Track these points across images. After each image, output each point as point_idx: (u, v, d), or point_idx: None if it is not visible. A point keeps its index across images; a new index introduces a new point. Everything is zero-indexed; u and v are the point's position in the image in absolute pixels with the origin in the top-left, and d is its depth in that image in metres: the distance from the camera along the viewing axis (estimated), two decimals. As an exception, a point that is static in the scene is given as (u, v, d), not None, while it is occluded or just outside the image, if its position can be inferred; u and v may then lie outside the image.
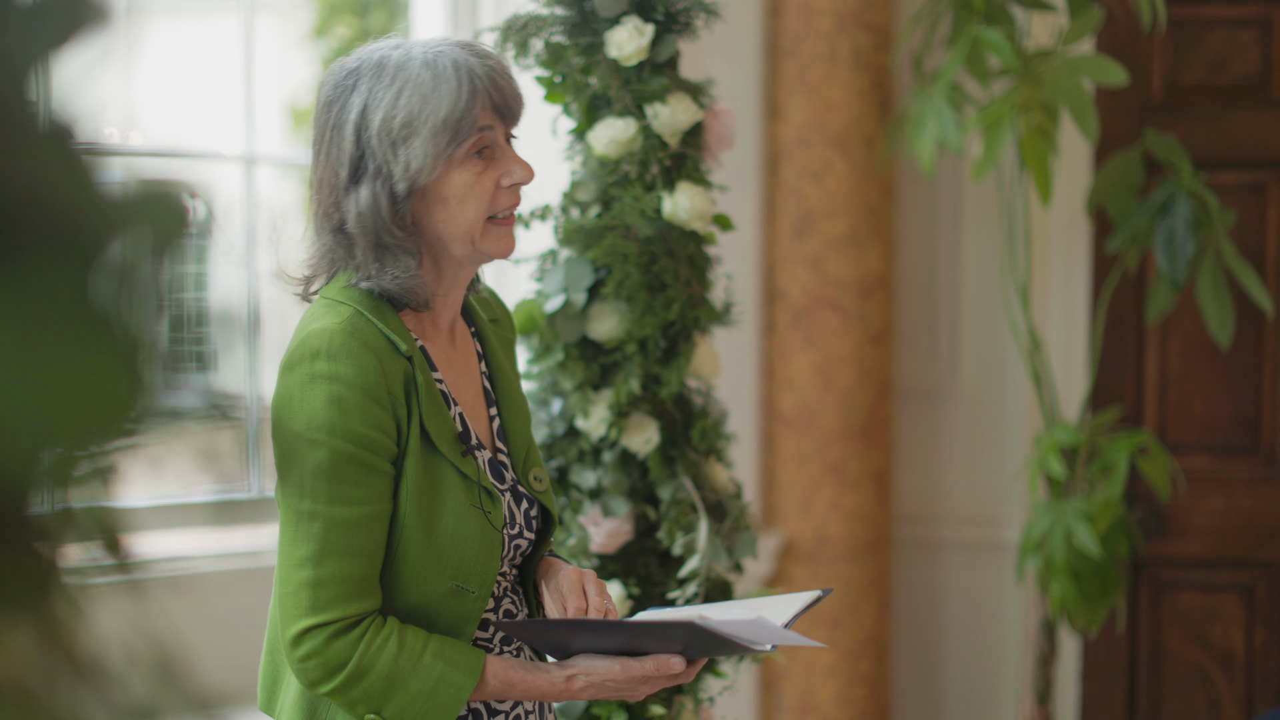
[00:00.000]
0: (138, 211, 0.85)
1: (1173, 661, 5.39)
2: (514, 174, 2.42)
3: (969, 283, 5.56)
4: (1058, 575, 4.82)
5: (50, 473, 0.89)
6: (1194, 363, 5.35)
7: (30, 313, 0.82)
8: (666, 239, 3.26)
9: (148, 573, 1.00)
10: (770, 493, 5.23)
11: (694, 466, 3.33)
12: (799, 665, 5.17)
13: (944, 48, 5.03)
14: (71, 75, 0.85)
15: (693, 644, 2.37)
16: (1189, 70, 5.32)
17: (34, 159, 0.83)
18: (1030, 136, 4.64)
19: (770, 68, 5.19)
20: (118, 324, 0.84)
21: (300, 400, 2.29)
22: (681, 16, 3.31)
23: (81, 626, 0.93)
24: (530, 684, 2.39)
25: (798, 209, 5.16)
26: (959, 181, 5.53)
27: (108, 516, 0.96)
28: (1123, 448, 4.84)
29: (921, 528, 5.63)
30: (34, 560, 0.90)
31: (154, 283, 0.88)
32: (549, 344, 3.37)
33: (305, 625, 2.30)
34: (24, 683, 0.89)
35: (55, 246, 0.82)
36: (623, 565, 3.36)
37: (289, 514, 2.32)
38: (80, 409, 0.83)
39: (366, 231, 2.37)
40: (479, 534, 2.39)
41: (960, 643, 5.64)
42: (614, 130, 3.26)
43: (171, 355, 0.91)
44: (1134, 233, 4.92)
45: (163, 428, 0.92)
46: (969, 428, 5.60)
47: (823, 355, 5.17)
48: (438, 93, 2.34)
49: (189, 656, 0.97)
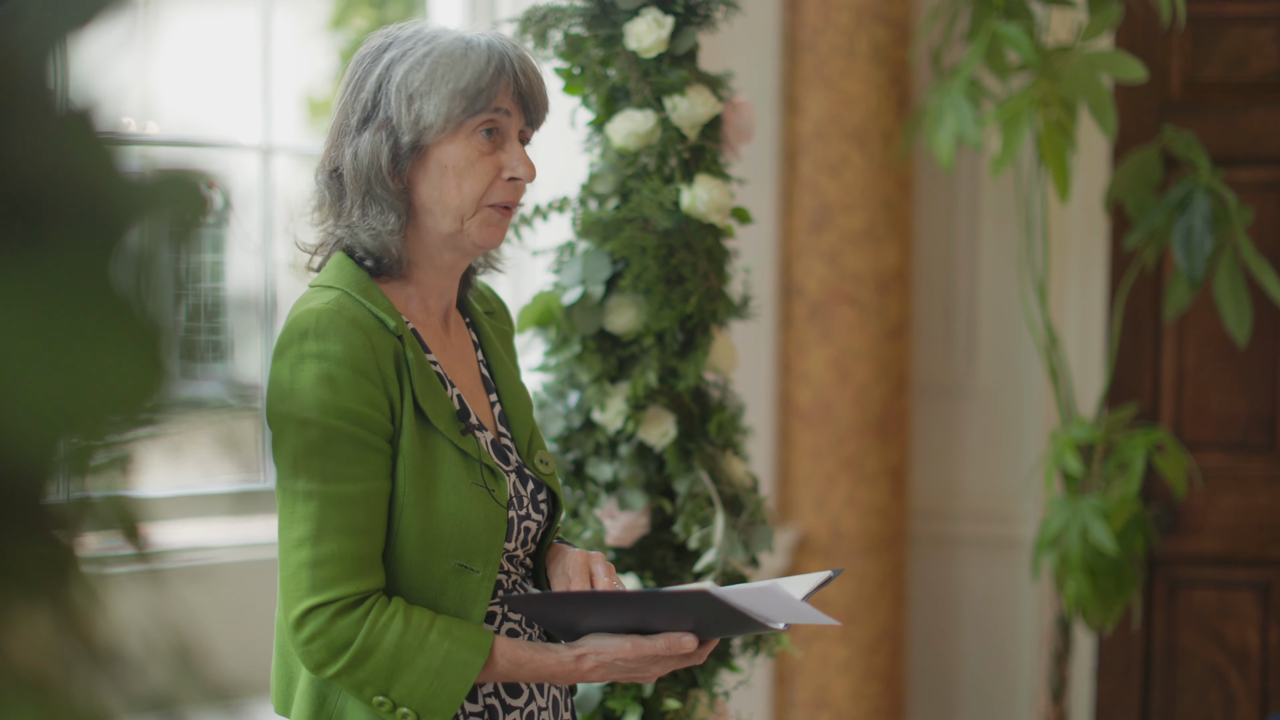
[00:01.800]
0: (158, 196, 0.85)
1: (1187, 659, 5.37)
2: (516, 167, 2.41)
3: (986, 278, 5.55)
4: (1073, 572, 4.81)
5: (69, 460, 0.88)
6: (1211, 360, 5.33)
7: (49, 297, 0.81)
8: (685, 232, 3.25)
9: (166, 562, 0.99)
10: (786, 487, 5.22)
11: (711, 460, 3.32)
12: (813, 660, 5.16)
13: (963, 42, 5.02)
14: (93, 59, 0.84)
15: (705, 618, 2.33)
16: (1208, 67, 5.31)
17: (54, 143, 0.82)
18: (1049, 132, 4.63)
19: (788, 62, 5.18)
20: (137, 309, 0.83)
21: (290, 382, 2.28)
22: (701, 9, 3.30)
23: (99, 615, 0.92)
24: (539, 664, 2.36)
25: (815, 203, 5.15)
26: (977, 177, 5.52)
27: (127, 505, 0.95)
28: (1139, 444, 4.82)
29: (937, 523, 5.62)
30: (52, 548, 0.90)
31: (174, 268, 0.87)
32: (566, 336, 3.36)
33: (307, 605, 2.27)
34: (42, 670, 0.88)
35: (75, 231, 0.82)
36: (639, 559, 3.36)
37: (284, 496, 2.30)
38: (99, 395, 0.83)
39: (359, 177, 2.38)
40: (481, 512, 2.36)
41: (975, 639, 5.63)
42: (632, 122, 3.26)
43: (190, 343, 0.91)
44: (1152, 229, 4.91)
45: (182, 416, 0.92)
46: (985, 423, 5.59)
47: (839, 350, 5.16)
48: (465, 60, 2.36)
49: (207, 646, 0.97)
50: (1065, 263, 5.40)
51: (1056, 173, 4.63)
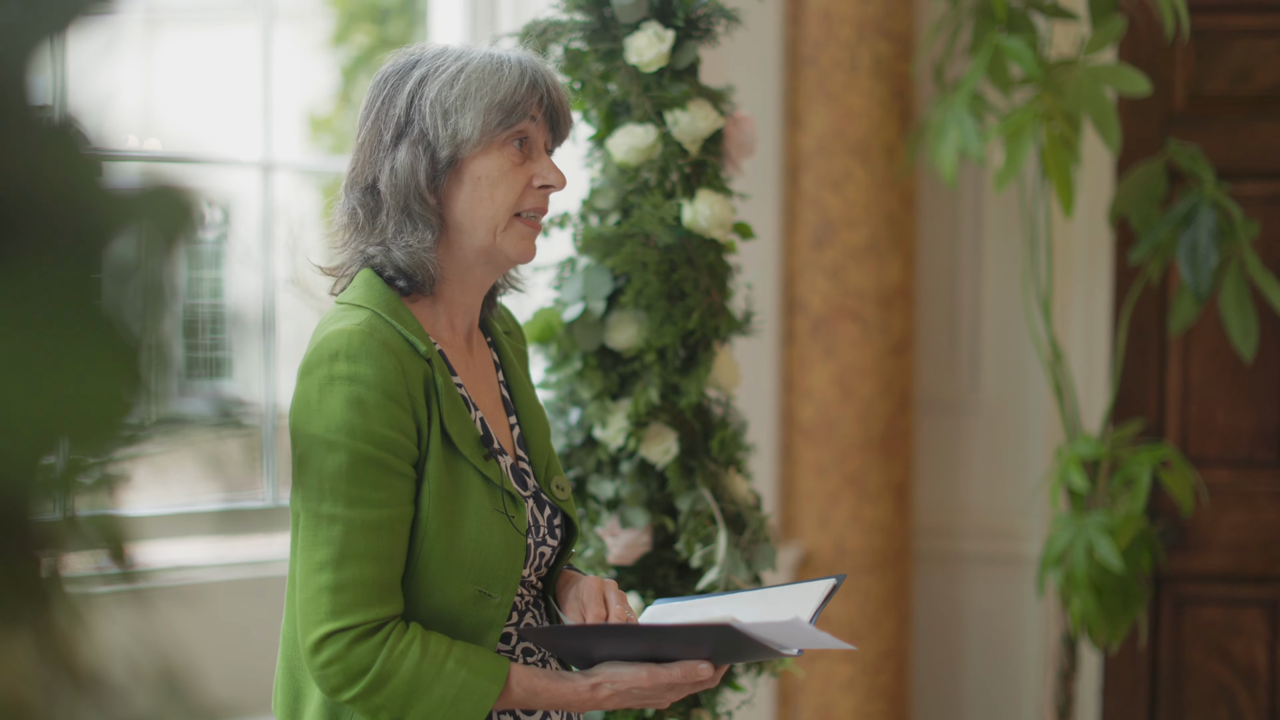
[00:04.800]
0: (143, 207, 0.82)
1: (1194, 677, 5.35)
2: (547, 176, 2.44)
3: (990, 293, 5.53)
4: (1079, 589, 4.78)
5: (53, 479, 0.86)
6: (1216, 375, 5.31)
7: (29, 311, 0.79)
8: (686, 247, 3.24)
9: (153, 583, 0.97)
10: (789, 504, 5.20)
11: (713, 477, 3.30)
12: (817, 679, 5.13)
13: (965, 56, 5.00)
14: (76, 65, 0.82)
15: (722, 648, 2.33)
16: (1212, 80, 5.29)
17: (34, 151, 0.80)
18: (1052, 146, 4.61)
19: (790, 76, 5.17)
20: (120, 324, 0.81)
21: (319, 403, 2.27)
22: (702, 23, 3.28)
23: (83, 638, 0.90)
24: (555, 692, 2.36)
25: (818, 218, 5.14)
26: (980, 191, 5.50)
27: (113, 525, 0.93)
28: (1145, 461, 4.80)
29: (941, 540, 5.60)
30: (33, 569, 0.87)
31: (160, 282, 0.85)
32: (567, 353, 3.35)
33: (326, 630, 2.27)
34: (22, 696, 0.86)
35: (56, 243, 0.79)
36: (640, 577, 3.34)
37: (307, 518, 2.30)
38: (79, 411, 0.80)
39: (397, 192, 2.39)
40: (502, 538, 2.36)
41: (980, 657, 5.61)
42: (633, 137, 3.24)
43: (181, 358, 0.88)
44: (1157, 244, 4.89)
45: (168, 433, 0.90)
46: (990, 440, 5.57)
47: (842, 366, 5.15)
48: (498, 74, 2.39)
49: (195, 669, 0.95)
50: (1069, 277, 5.38)
51: (1060, 187, 4.62)
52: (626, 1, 3.23)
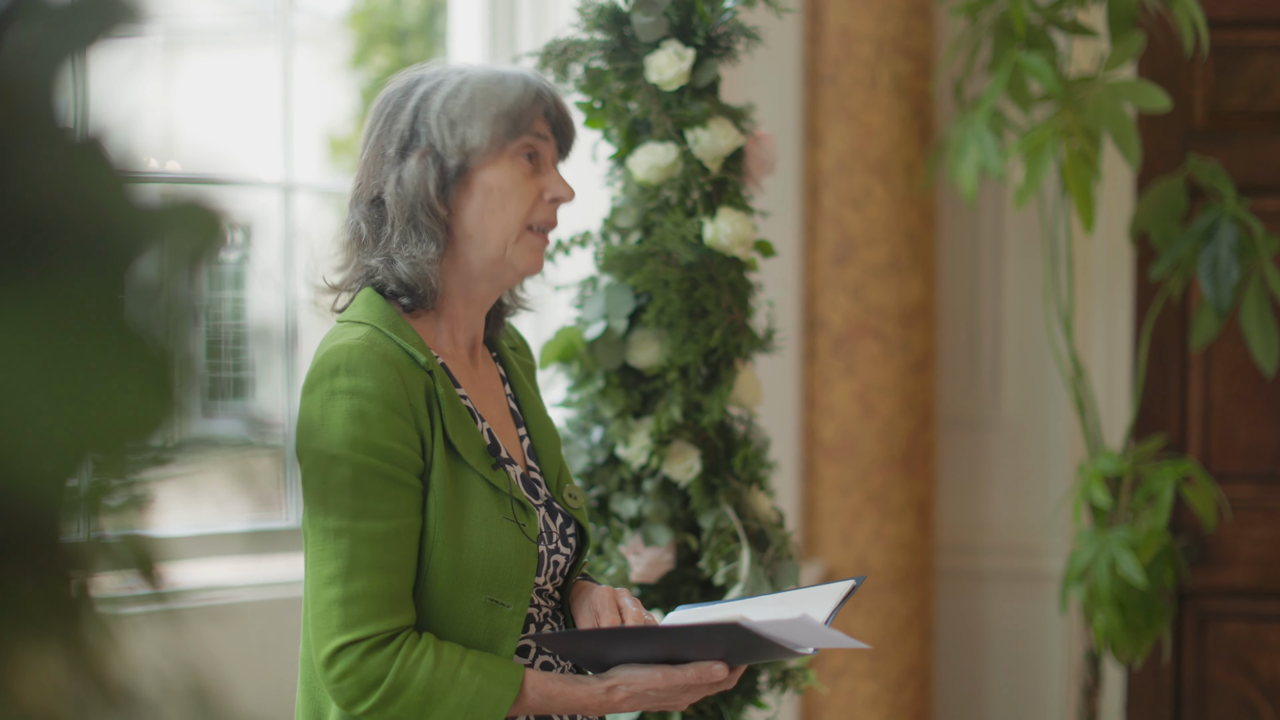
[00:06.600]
0: (167, 225, 0.83)
1: (1218, 692, 5.33)
2: (557, 189, 2.45)
3: (1011, 310, 5.53)
4: (1102, 605, 4.77)
5: (83, 499, 0.86)
6: (1238, 390, 5.30)
7: (57, 327, 0.79)
8: (708, 265, 3.24)
9: (183, 602, 0.97)
10: (811, 522, 5.20)
11: (736, 495, 3.30)
12: (841, 696, 5.12)
13: (985, 74, 5.00)
14: (103, 81, 0.82)
15: (735, 648, 2.33)
16: (1231, 96, 5.28)
17: (62, 169, 0.80)
18: (1072, 162, 4.61)
19: (810, 94, 5.17)
20: (149, 339, 0.81)
21: (322, 419, 2.28)
22: (722, 41, 3.29)
23: (114, 655, 0.90)
24: (570, 696, 2.36)
25: (838, 236, 5.14)
26: (1001, 208, 5.50)
27: (143, 544, 0.93)
28: (1167, 476, 4.79)
29: (964, 557, 5.59)
30: (64, 587, 0.88)
31: (186, 299, 0.85)
32: (589, 371, 3.35)
33: (339, 643, 2.27)
34: (54, 712, 0.86)
35: (82, 260, 0.80)
36: (664, 595, 3.33)
37: (315, 534, 2.31)
38: (111, 428, 0.81)
39: (403, 203, 2.39)
40: (512, 546, 2.36)
41: (1003, 674, 5.59)
42: (654, 155, 3.24)
43: (207, 377, 0.89)
44: (1177, 259, 4.88)
45: (196, 452, 0.90)
46: (1011, 456, 5.56)
47: (864, 383, 5.14)
48: (502, 85, 2.41)
49: (224, 686, 0.95)
50: (1090, 294, 5.38)
51: (1081, 203, 4.61)
52: (647, 20, 3.23)
